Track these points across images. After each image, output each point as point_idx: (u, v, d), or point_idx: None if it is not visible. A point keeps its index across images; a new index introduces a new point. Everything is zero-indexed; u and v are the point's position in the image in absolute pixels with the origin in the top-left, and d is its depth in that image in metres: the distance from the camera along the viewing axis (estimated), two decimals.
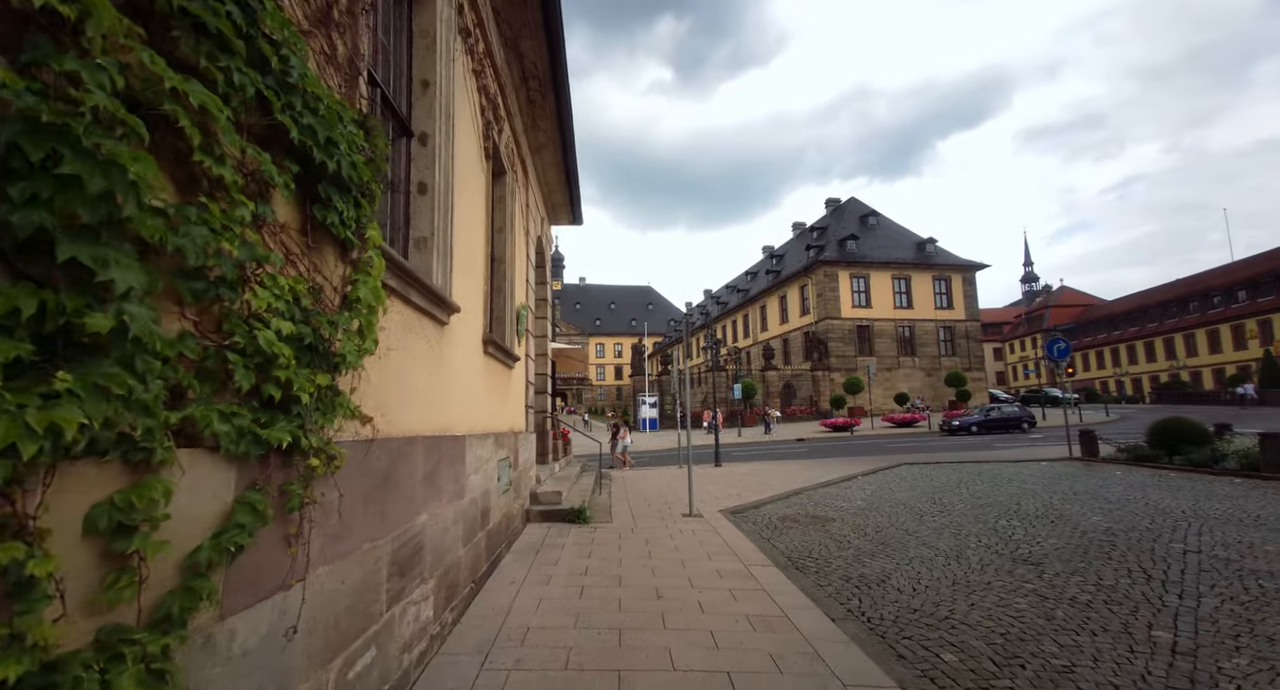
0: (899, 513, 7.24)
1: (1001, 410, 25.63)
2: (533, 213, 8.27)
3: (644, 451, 23.49)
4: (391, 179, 3.23)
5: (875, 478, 10.69)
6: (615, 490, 10.44)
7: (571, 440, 14.30)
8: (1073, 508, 6.98)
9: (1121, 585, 4.05)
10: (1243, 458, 8.92)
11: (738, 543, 5.86)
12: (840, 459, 15.54)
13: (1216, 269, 54.43)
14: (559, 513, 6.93)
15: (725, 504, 8.57)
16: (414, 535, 2.74)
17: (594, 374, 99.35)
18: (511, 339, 6.08)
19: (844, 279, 44.20)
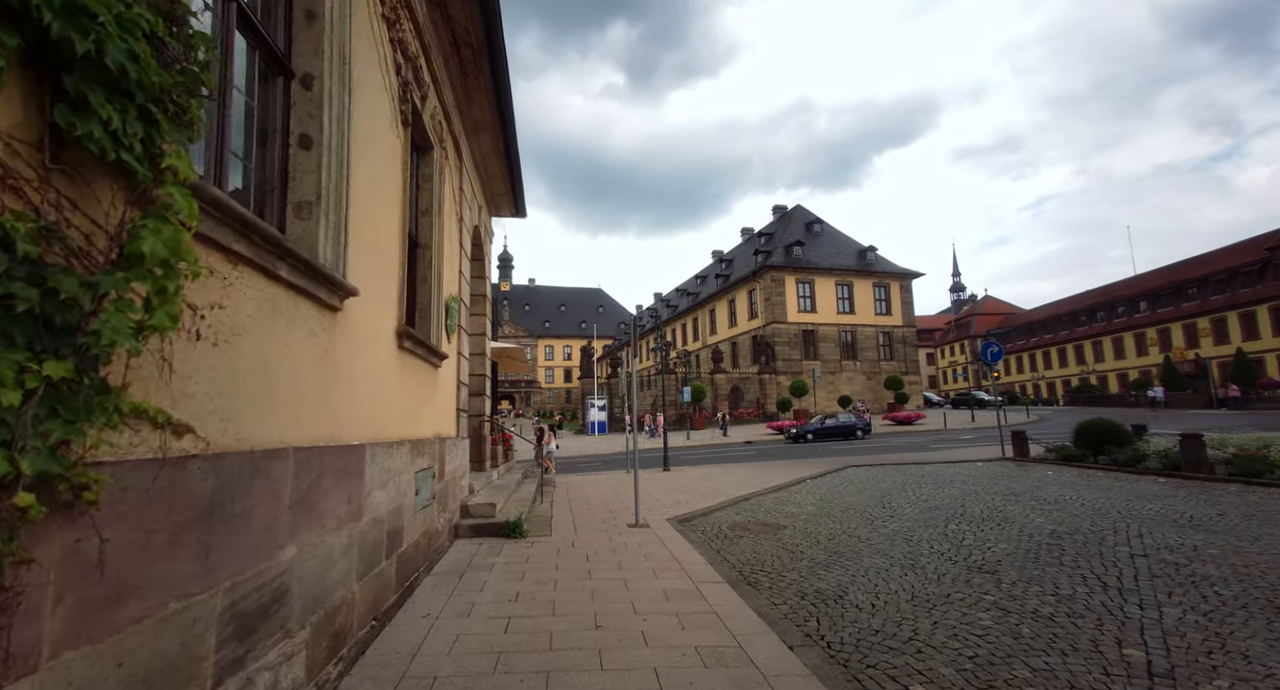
0: (850, 518, 7.05)
1: (837, 419, 26.55)
2: (469, 199, 7.60)
3: (592, 456, 22.90)
4: (264, 127, 2.60)
5: (824, 481, 10.59)
6: (558, 498, 9.85)
7: (514, 445, 13.55)
8: (1015, 509, 7.00)
9: (1080, 595, 3.89)
10: (1163, 458, 9.36)
11: (686, 556, 5.44)
12: (788, 461, 15.54)
13: (1120, 282, 59.42)
14: (492, 526, 6.30)
15: (673, 512, 8.16)
16: (272, 577, 2.12)
17: (543, 377, 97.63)
18: (439, 334, 5.43)
19: (790, 284, 45.21)
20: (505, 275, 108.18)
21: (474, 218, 8.15)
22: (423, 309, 5.25)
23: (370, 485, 3.27)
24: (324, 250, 2.68)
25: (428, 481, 4.76)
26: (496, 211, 10.27)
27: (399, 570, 3.84)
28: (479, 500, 6.77)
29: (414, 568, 4.27)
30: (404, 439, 4.06)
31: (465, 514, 6.46)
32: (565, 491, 10.94)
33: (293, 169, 2.66)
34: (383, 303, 3.73)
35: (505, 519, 6.40)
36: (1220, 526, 5.60)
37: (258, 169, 2.55)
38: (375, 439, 3.41)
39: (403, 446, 3.97)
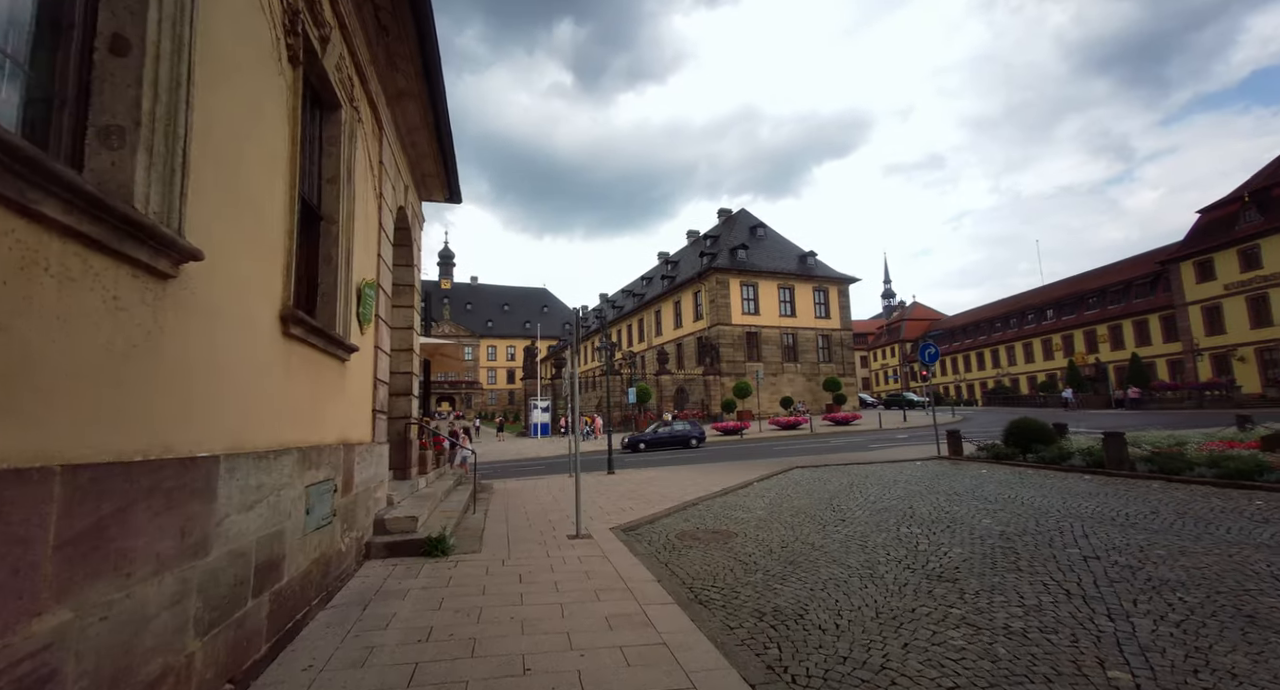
0: (801, 523, 6.77)
1: (672, 428, 25.51)
2: (391, 176, 6.77)
3: (534, 459, 22.01)
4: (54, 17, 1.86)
5: (771, 483, 10.38)
6: (494, 507, 9.09)
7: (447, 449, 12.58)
8: (961, 510, 6.94)
9: (1046, 605, 3.68)
10: (1087, 455, 9.75)
11: (632, 572, 4.92)
12: (734, 463, 15.37)
13: (1030, 291, 64.26)
14: (412, 544, 5.52)
15: (618, 520, 7.63)
16: (20, 659, 1.41)
17: (485, 378, 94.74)
18: (346, 323, 4.65)
19: (735, 287, 45.82)
20: (446, 273, 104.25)
21: (399, 197, 7.31)
22: (326, 293, 4.46)
23: (226, 508, 2.53)
24: (144, 193, 1.96)
25: (326, 496, 3.99)
26: (428, 195, 9.39)
27: (275, 611, 3.08)
28: (399, 513, 5.97)
29: (300, 604, 3.51)
30: (289, 446, 3.30)
31: (381, 530, 5.65)
32: (502, 499, 10.18)
33: (98, 79, 1.93)
34: (257, 278, 2.99)
35: (428, 534, 5.65)
36: (1157, 525, 5.68)
37: (41, 74, 1.81)
38: (236, 448, 2.67)
39: (285, 457, 3.22)
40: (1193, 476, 7.93)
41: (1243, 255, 37.63)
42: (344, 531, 4.49)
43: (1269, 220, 35.87)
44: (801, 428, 31.04)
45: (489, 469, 18.66)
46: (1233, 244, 38.12)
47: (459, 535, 6.59)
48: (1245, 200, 37.97)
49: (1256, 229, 36.50)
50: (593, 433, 33.45)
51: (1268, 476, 7.11)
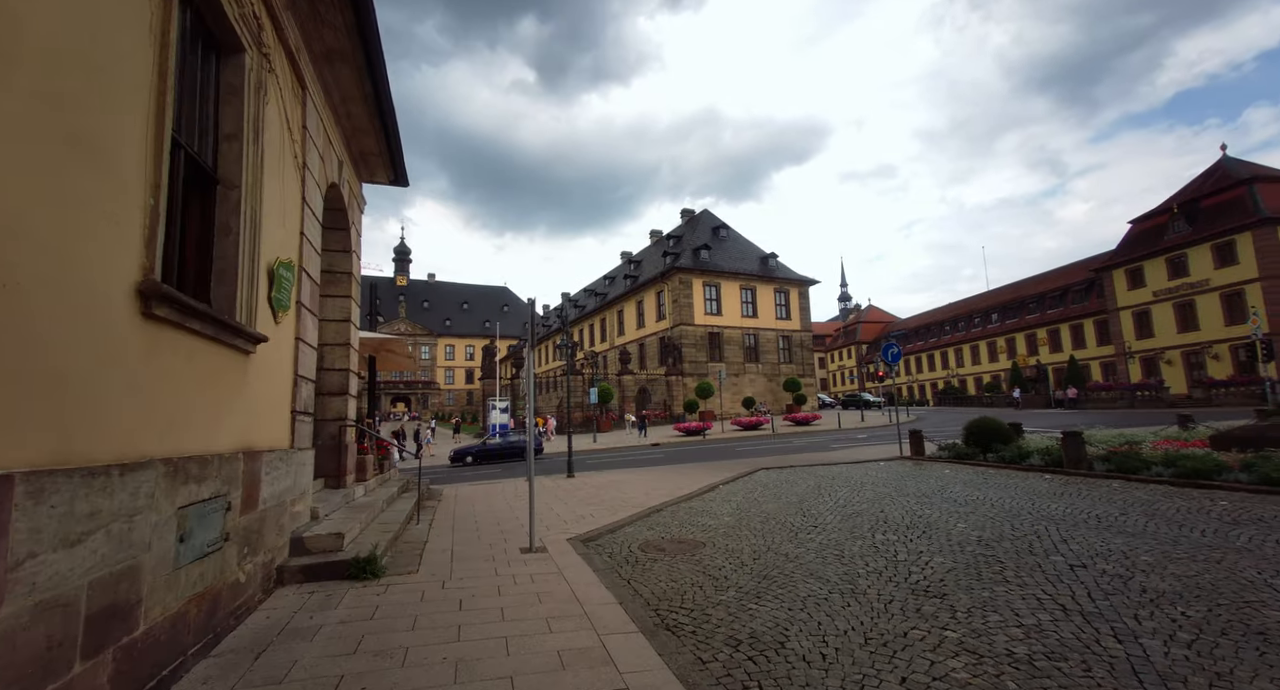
0: (772, 530, 6.37)
1: (507, 437, 23.77)
2: (320, 147, 6.00)
3: (491, 462, 21.09)
4: None
5: (737, 487, 10.01)
6: (440, 517, 8.35)
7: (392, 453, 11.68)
8: (933, 513, 6.71)
9: (1046, 625, 3.34)
10: (1045, 455, 9.80)
11: (590, 593, 4.37)
12: (698, 464, 15.00)
13: (975, 296, 67.09)
14: (335, 566, 4.80)
15: (577, 529, 7.06)
16: None
17: (442, 378, 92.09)
18: (251, 308, 3.93)
19: (698, 287, 45.78)
20: (402, 269, 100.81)
21: (330, 173, 6.52)
22: (223, 271, 3.73)
23: (31, 545, 1.85)
24: None
25: (213, 517, 3.27)
26: (369, 176, 8.56)
27: (123, 673, 2.38)
28: (323, 530, 5.21)
29: (168, 656, 2.80)
30: (149, 458, 2.60)
31: (299, 551, 4.90)
32: (452, 507, 9.43)
33: None
34: (97, 238, 2.29)
35: (356, 554, 4.93)
36: (1132, 527, 5.54)
37: None
38: (55, 463, 1.99)
39: (142, 472, 2.52)
40: (1150, 476, 7.99)
41: (1170, 263, 40.11)
42: (243, 557, 3.76)
43: (1195, 231, 38.35)
44: (763, 428, 31.12)
45: (442, 473, 17.71)
46: (1161, 253, 40.59)
47: (396, 552, 5.88)
48: (1174, 212, 40.52)
49: (1184, 239, 38.98)
50: (545, 434, 32.55)
51: (1225, 476, 7.18)
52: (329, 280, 7.48)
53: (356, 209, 8.18)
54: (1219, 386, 35.40)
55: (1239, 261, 35.96)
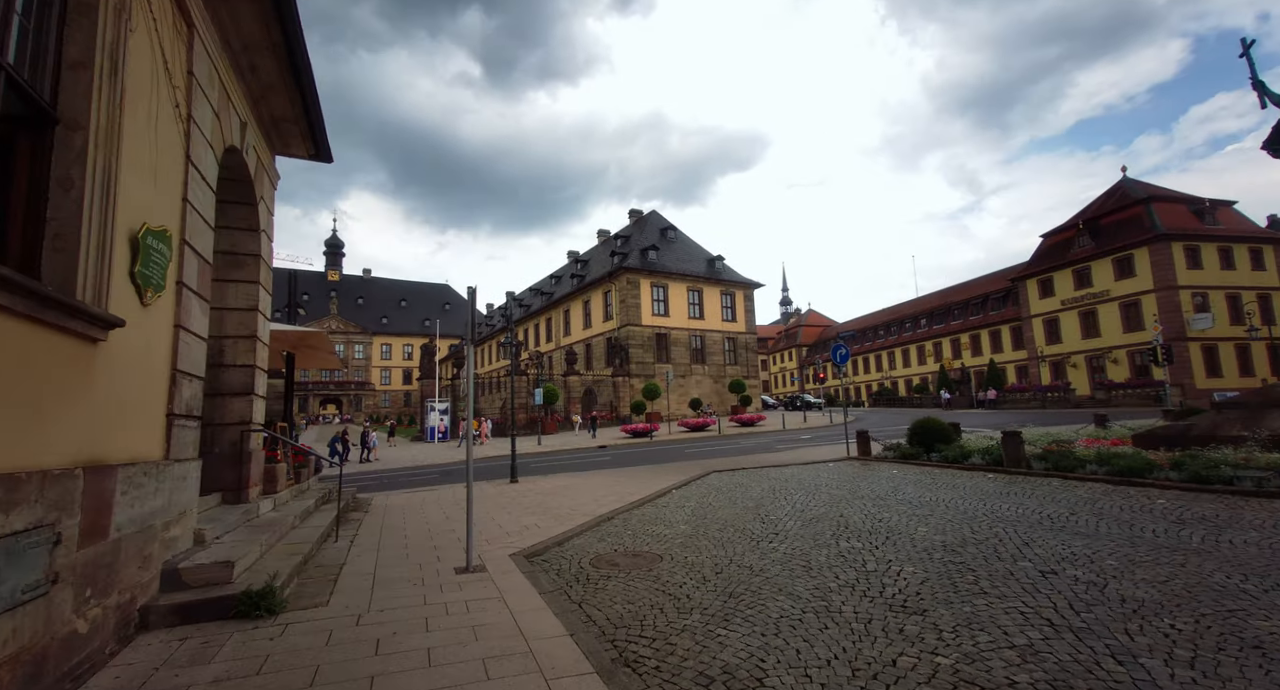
0: (732, 539, 5.98)
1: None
2: (212, 99, 5.08)
3: (429, 466, 19.85)
4: None
5: (690, 491, 9.63)
6: (366, 531, 7.45)
7: (311, 460, 10.50)
8: (893, 517, 6.55)
9: (1039, 645, 3.08)
10: (986, 454, 10.03)
11: (536, 623, 3.79)
12: (647, 467, 14.57)
13: (906, 303, 70.81)
14: (220, 602, 3.96)
15: (521, 542, 6.41)
16: None
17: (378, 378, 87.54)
18: (100, 283, 3.09)
19: (645, 287, 45.57)
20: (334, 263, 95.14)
21: (230, 134, 5.57)
22: (61, 234, 2.90)
23: None
24: None
25: (29, 555, 2.46)
26: (284, 147, 7.54)
27: None
28: (208, 557, 4.34)
29: None
30: None
31: (174, 585, 4.02)
32: (380, 519, 8.51)
33: None
34: None
35: (248, 586, 4.10)
36: (1085, 528, 5.54)
37: None
38: None
39: None
40: (1087, 474, 8.25)
41: (1076, 275, 43.62)
42: (84, 602, 2.93)
43: (1098, 245, 41.87)
44: (710, 429, 31.20)
45: (373, 480, 16.40)
46: (1068, 265, 44.06)
47: (304, 579, 5.04)
48: (1080, 227, 44.09)
49: (1088, 253, 42.47)
50: (478, 438, 31.11)
51: (1157, 474, 7.47)
52: (230, 262, 6.47)
53: (267, 183, 7.17)
54: (1118, 388, 38.79)
55: (1136, 274, 39.52)
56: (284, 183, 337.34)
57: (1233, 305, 37.86)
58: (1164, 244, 37.98)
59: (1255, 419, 8.61)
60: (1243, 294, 38.07)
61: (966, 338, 55.42)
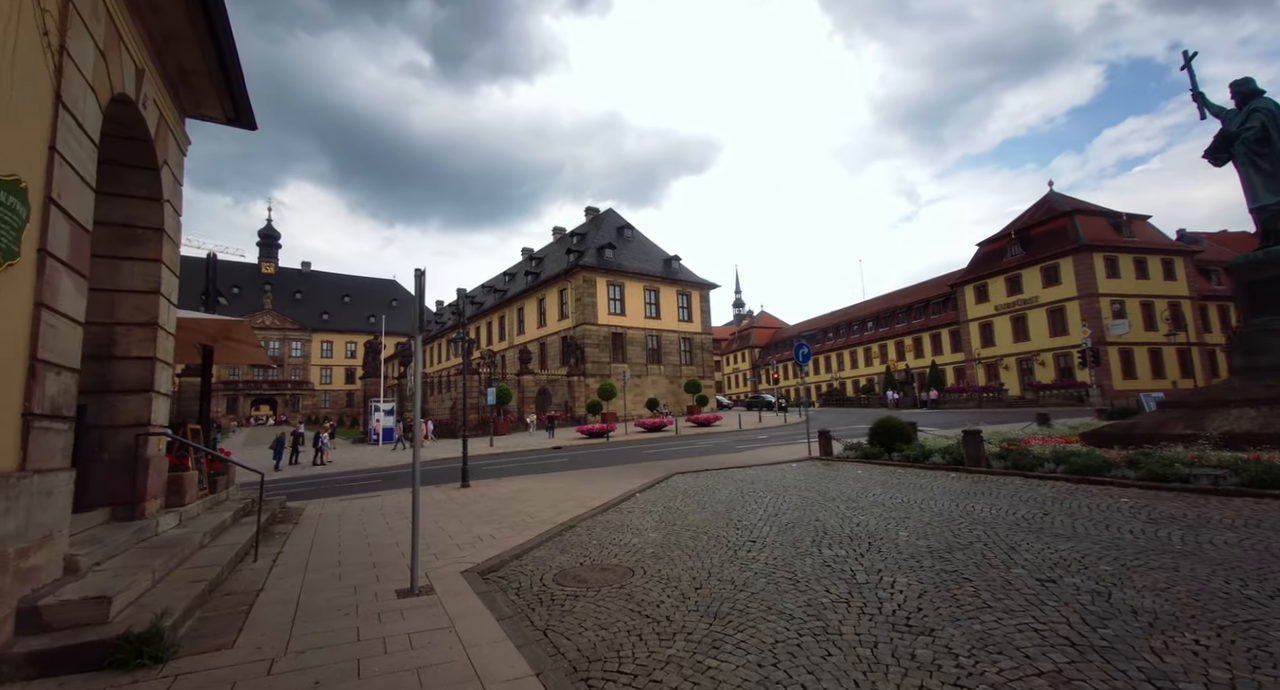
0: (707, 549, 5.55)
1: None
2: (94, 33, 4.20)
3: (372, 470, 18.55)
4: None
5: (655, 495, 9.17)
6: (293, 548, 6.57)
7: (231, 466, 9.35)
8: (870, 521, 6.30)
9: (1069, 672, 2.78)
10: (947, 453, 10.07)
11: (494, 661, 3.20)
12: (606, 469, 14.02)
13: (854, 306, 73.28)
14: (91, 649, 3.16)
15: (475, 555, 5.76)
16: None
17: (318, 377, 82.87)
18: None
19: (601, 286, 44.97)
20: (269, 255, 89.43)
21: (121, 79, 4.66)
22: None
23: None
24: None
25: None
26: (195, 106, 6.56)
27: None
28: (80, 592, 3.50)
29: None
30: None
31: (34, 627, 3.19)
32: (310, 532, 7.60)
33: None
34: None
35: (128, 627, 3.31)
36: (1062, 529, 5.44)
37: None
38: None
39: None
40: (1046, 473, 8.33)
41: (1009, 282, 46.17)
42: None
43: (1028, 255, 44.44)
44: (667, 430, 30.94)
45: (306, 486, 15.07)
46: (1001, 273, 46.59)
47: (208, 613, 4.23)
48: (1011, 238, 46.70)
49: (1019, 262, 45.02)
50: (404, 441, 29.62)
51: (1114, 472, 7.60)
52: (125, 236, 5.50)
53: (174, 146, 6.18)
54: (1045, 389, 41.29)
55: (1062, 282, 42.18)
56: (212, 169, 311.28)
57: (1146, 312, 41.03)
58: (1086, 254, 40.71)
59: (1196, 418, 8.99)
60: (1155, 302, 41.36)
61: (910, 340, 57.73)
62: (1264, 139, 8.98)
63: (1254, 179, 9.15)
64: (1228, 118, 9.81)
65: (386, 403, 33.45)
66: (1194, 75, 10.69)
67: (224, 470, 8.74)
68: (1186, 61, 10.79)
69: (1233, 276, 9.48)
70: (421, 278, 4.83)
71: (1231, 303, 44.60)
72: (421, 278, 4.83)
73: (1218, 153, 9.61)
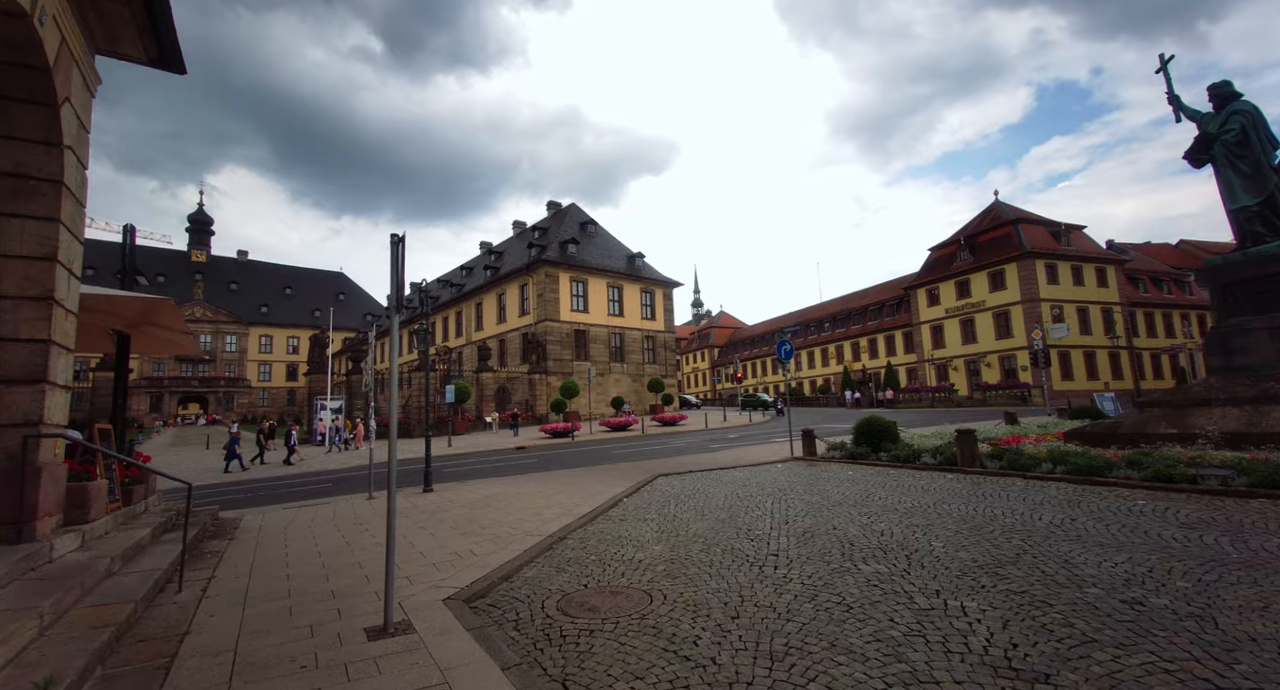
0: (725, 564, 4.91)
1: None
2: None
3: (316, 475, 17.00)
4: None
5: (645, 499, 8.47)
6: (229, 573, 5.51)
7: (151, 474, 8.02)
8: (894, 528, 5.83)
9: None
10: (937, 453, 9.85)
11: None
12: (579, 471, 13.23)
13: (811, 307, 74.85)
14: None
15: (454, 579, 4.91)
16: None
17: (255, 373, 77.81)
18: None
19: (564, 282, 43.88)
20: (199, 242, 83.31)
21: None
22: None
23: None
24: None
25: None
26: (109, 40, 5.38)
27: None
28: None
29: None
30: None
31: None
32: (251, 549, 6.52)
33: None
34: None
35: None
36: (1103, 537, 5.12)
37: None
38: None
39: None
40: (1045, 474, 8.16)
41: (958, 286, 48.01)
42: None
43: (977, 260, 46.31)
44: (632, 429, 30.30)
45: (242, 492, 13.54)
46: (952, 277, 48.40)
47: (116, 669, 3.25)
48: (961, 243, 48.59)
49: (968, 267, 46.85)
50: (353, 441, 27.46)
51: (1116, 473, 7.46)
52: (12, 187, 4.35)
53: (80, 82, 5.01)
54: (992, 389, 43.14)
55: (1007, 287, 44.15)
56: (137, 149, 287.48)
57: (1082, 317, 43.52)
58: (1030, 261, 42.75)
59: (1178, 417, 9.08)
60: (1090, 308, 43.93)
61: (865, 341, 59.29)
62: (1243, 141, 9.18)
63: (1233, 181, 9.34)
64: (1203, 120, 10.01)
65: (334, 401, 31.31)
66: (1170, 78, 10.90)
67: (142, 478, 7.46)
68: (1163, 64, 10.99)
69: (1209, 278, 9.64)
70: (399, 245, 3.97)
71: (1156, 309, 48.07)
72: (399, 245, 3.97)
73: (1198, 154, 9.79)
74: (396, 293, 3.84)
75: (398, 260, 3.87)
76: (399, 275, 3.81)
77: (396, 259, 3.88)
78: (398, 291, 3.84)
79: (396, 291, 3.84)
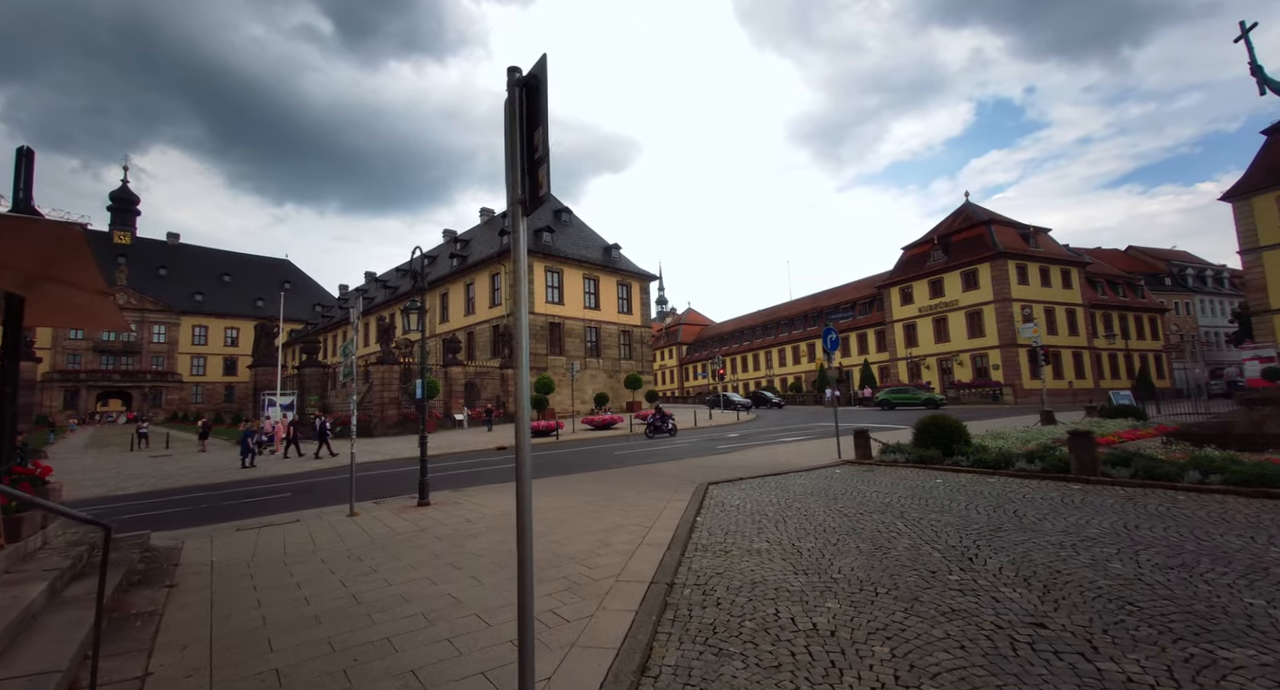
0: (964, 635, 3.29)
1: None
2: None
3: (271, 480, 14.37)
4: None
5: (719, 519, 6.75)
6: (173, 659, 3.46)
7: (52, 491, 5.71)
8: (1126, 569, 4.38)
9: None
10: (1034, 458, 8.59)
11: None
12: (591, 476, 11.38)
13: (782, 305, 74.85)
14: None
15: (548, 665, 3.06)
16: None
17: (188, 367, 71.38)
18: None
19: (540, 271, 41.63)
20: (123, 222, 75.76)
21: None
22: None
23: None
24: None
25: None
26: None
27: None
28: None
29: None
30: None
31: None
32: (203, 607, 4.42)
33: None
34: None
35: None
36: None
37: None
38: None
39: None
40: (1194, 484, 6.94)
41: (931, 285, 48.50)
42: None
43: (950, 260, 46.84)
44: (618, 427, 28.53)
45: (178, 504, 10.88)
46: (925, 276, 48.86)
47: None
48: (934, 243, 49.11)
49: (941, 267, 47.35)
50: (272, 445, 23.54)
51: None
52: None
53: None
54: (964, 387, 43.72)
55: (979, 287, 44.79)
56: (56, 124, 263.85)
57: (1049, 317, 44.65)
58: (1002, 261, 43.49)
59: None
60: (1057, 308, 45.14)
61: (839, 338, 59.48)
62: None
63: None
64: None
65: (284, 397, 28.11)
66: (1252, 48, 10.12)
67: (50, 489, 5.19)
68: (1244, 33, 10.21)
69: None
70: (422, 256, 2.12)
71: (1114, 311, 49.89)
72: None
73: None
74: (526, 152, 2.00)
75: (518, 110, 2.02)
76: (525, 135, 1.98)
77: (517, 108, 2.03)
78: (528, 151, 2.00)
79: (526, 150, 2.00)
